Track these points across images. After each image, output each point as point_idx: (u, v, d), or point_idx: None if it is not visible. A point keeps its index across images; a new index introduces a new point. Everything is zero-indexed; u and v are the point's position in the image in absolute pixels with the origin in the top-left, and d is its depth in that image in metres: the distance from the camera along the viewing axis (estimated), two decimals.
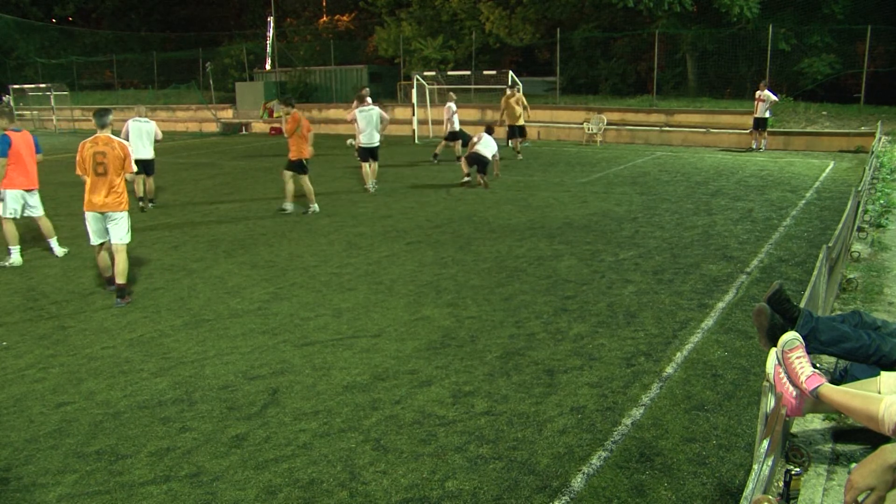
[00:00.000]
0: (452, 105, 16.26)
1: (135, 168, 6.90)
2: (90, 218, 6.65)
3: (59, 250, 8.49)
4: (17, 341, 5.62)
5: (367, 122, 12.31)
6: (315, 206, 10.69)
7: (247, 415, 4.27)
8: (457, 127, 16.24)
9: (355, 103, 12.98)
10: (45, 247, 8.66)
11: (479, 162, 12.55)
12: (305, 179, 10.69)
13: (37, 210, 8.32)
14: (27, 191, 8.14)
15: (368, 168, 12.53)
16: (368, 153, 12.49)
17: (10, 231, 8.07)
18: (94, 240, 6.76)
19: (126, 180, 6.79)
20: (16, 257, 8.04)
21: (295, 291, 6.75)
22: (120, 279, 6.59)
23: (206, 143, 23.79)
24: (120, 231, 6.66)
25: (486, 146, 12.72)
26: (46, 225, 8.43)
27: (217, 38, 39.82)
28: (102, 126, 6.70)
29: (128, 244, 6.74)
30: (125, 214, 6.70)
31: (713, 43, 23.20)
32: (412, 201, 11.50)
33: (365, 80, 30.31)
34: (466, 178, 12.72)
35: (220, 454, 3.82)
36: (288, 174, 10.75)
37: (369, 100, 12.90)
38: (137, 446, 3.92)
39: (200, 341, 5.51)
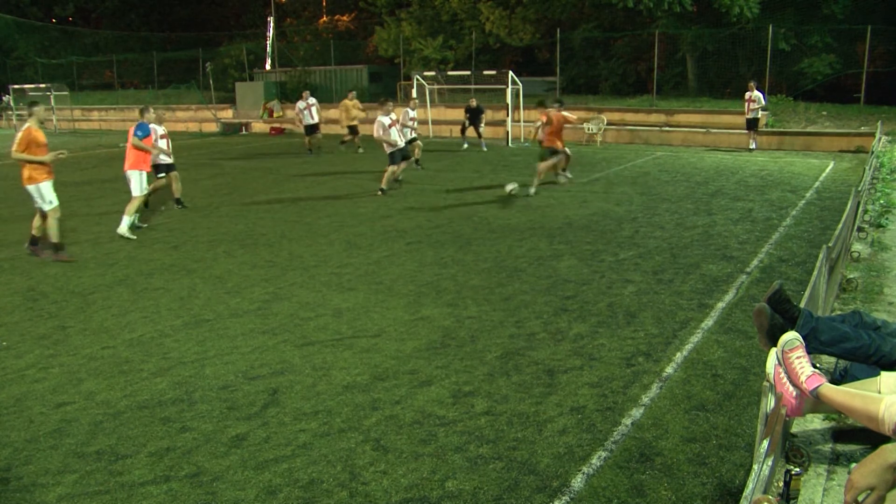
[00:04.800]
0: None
1: (13, 146, 7.97)
2: None
3: None
4: (17, 341, 5.62)
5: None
6: None
7: (247, 415, 4.27)
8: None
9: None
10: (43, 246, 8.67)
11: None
12: None
13: None
14: None
15: None
16: None
17: None
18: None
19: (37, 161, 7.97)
20: None
21: (295, 291, 6.75)
22: (50, 238, 8.23)
23: (206, 143, 23.79)
24: (37, 201, 8.20)
25: None
26: None
27: (217, 38, 39.84)
28: (28, 116, 8.18)
29: (48, 209, 8.19)
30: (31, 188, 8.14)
31: (713, 43, 23.20)
32: (412, 201, 11.50)
33: (365, 80, 30.34)
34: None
35: (220, 454, 3.82)
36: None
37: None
38: (137, 446, 3.92)
39: (200, 341, 5.51)
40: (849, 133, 17.91)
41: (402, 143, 12.40)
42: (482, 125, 19.05)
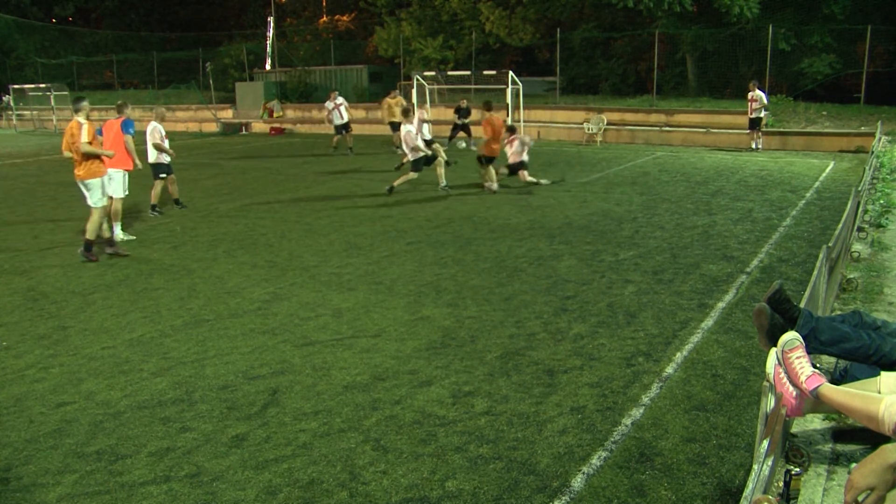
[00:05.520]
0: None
1: (82, 139, 7.92)
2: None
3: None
4: (17, 341, 5.62)
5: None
6: None
7: (247, 415, 4.27)
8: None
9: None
10: (40, 247, 8.68)
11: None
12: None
13: None
14: None
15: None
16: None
17: None
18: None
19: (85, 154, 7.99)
20: None
21: (295, 291, 6.75)
22: (86, 234, 8.08)
23: (206, 143, 23.80)
24: (90, 198, 8.17)
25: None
26: None
27: (217, 38, 39.86)
28: (75, 111, 8.16)
29: (98, 207, 8.12)
30: (90, 182, 8.12)
31: (713, 43, 23.21)
32: (412, 201, 11.50)
33: (365, 80, 30.36)
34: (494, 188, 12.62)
35: (220, 454, 3.82)
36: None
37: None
38: (137, 446, 3.92)
39: (200, 341, 5.51)
40: (849, 133, 17.91)
41: (427, 150, 12.51)
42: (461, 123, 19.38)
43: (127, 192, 9.45)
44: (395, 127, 18.61)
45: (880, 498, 1.91)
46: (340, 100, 19.06)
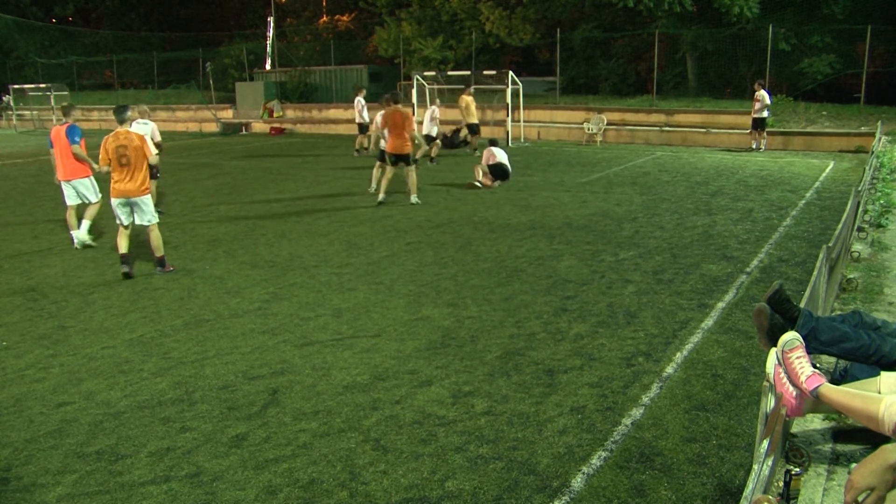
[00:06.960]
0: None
1: (154, 151, 7.64)
2: (116, 203, 7.40)
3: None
4: (17, 341, 5.62)
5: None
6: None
7: (247, 415, 4.27)
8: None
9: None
10: (40, 247, 8.66)
11: (503, 173, 12.88)
12: None
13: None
14: None
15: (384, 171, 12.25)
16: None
17: None
18: (125, 221, 7.49)
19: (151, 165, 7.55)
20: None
21: (295, 291, 6.75)
22: (157, 252, 7.54)
23: (206, 143, 23.79)
24: (147, 214, 7.49)
25: (504, 157, 13.12)
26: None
27: (217, 38, 39.85)
28: (121, 122, 7.51)
29: (156, 222, 7.58)
30: (148, 198, 7.51)
31: (713, 43, 23.20)
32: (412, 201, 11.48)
33: (365, 80, 30.33)
34: (478, 184, 12.68)
35: (220, 454, 3.82)
36: None
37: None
38: (137, 446, 3.92)
39: (200, 341, 5.51)
40: (849, 133, 17.91)
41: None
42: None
43: (100, 196, 8.96)
44: (473, 129, 18.16)
45: (880, 498, 1.91)
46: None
